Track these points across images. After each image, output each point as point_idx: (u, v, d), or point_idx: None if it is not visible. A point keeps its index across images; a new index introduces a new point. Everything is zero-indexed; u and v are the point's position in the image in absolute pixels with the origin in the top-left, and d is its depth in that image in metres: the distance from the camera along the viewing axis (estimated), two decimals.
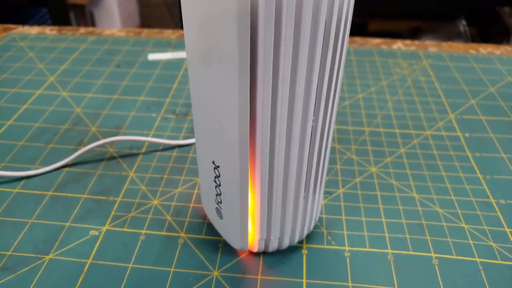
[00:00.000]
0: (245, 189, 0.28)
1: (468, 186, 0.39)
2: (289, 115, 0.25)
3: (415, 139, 0.45)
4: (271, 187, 0.28)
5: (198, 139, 0.31)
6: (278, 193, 0.29)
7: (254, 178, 0.28)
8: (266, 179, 0.28)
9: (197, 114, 0.29)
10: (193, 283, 0.31)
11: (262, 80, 0.23)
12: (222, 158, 0.28)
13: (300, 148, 0.27)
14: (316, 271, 0.32)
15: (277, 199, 0.29)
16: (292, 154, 0.27)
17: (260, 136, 0.25)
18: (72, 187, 0.39)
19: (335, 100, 0.28)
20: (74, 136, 0.45)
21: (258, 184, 0.28)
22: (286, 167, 0.28)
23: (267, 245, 0.32)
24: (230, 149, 0.26)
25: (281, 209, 0.30)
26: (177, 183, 0.39)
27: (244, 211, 0.29)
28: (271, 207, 0.29)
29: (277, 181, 0.28)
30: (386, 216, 0.36)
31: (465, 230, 0.35)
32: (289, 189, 0.29)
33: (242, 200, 0.28)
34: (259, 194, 0.28)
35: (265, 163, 0.27)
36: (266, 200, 0.29)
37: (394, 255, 0.33)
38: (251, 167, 0.27)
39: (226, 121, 0.26)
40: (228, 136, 0.26)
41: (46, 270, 0.31)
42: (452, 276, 0.31)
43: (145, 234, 0.34)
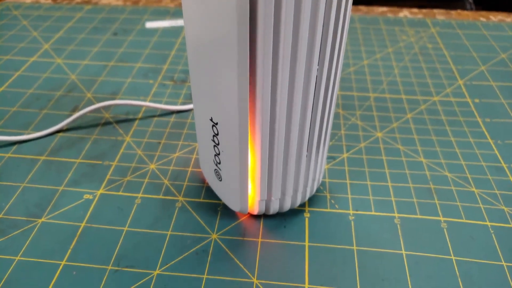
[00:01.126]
0: (244, 147, 0.26)
1: (478, 151, 0.38)
2: (291, 64, 0.24)
3: (423, 104, 0.43)
4: (272, 144, 0.27)
5: (195, 94, 0.29)
6: (279, 151, 0.27)
7: (254, 135, 0.26)
8: (266, 136, 0.26)
9: (193, 67, 0.27)
10: (191, 246, 0.29)
11: (263, 27, 0.21)
12: (221, 113, 0.26)
13: (303, 102, 0.26)
14: (319, 235, 0.30)
15: (278, 157, 0.27)
16: (294, 108, 0.25)
17: (261, 88, 0.24)
18: (66, 152, 0.37)
19: (341, 51, 0.26)
20: (68, 102, 0.43)
21: (258, 142, 0.26)
22: (288, 123, 0.26)
23: (268, 207, 0.30)
24: (229, 103, 0.25)
25: (283, 169, 0.28)
26: (175, 148, 0.38)
27: (244, 171, 0.28)
28: (272, 166, 0.28)
29: (279, 138, 0.26)
30: (393, 180, 0.35)
31: (475, 194, 0.33)
32: (291, 147, 0.27)
33: (241, 158, 0.27)
34: (260, 152, 0.27)
35: (266, 118, 0.25)
36: (267, 159, 0.27)
37: (401, 218, 0.31)
38: (251, 123, 0.26)
39: (225, 71, 0.24)
40: (226, 89, 0.25)
41: (38, 233, 0.30)
42: (461, 240, 0.30)
43: (141, 198, 0.33)
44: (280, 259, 0.29)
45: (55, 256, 0.29)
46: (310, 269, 0.28)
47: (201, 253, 0.29)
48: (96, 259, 0.29)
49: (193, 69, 0.28)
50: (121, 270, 0.28)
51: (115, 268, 0.28)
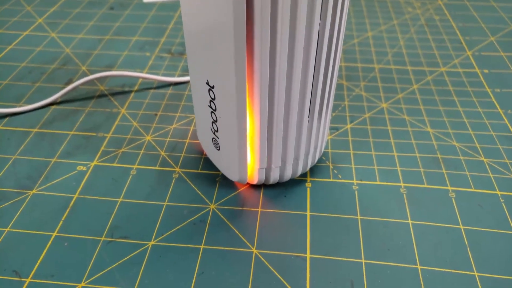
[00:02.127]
0: (242, 111, 0.25)
1: (488, 120, 0.36)
2: (291, 22, 0.22)
3: (429, 75, 0.42)
4: (271, 108, 0.25)
5: (190, 56, 0.27)
6: (279, 116, 0.26)
7: (252, 99, 0.25)
8: (266, 99, 0.25)
9: (188, 27, 0.26)
10: (188, 216, 0.28)
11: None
12: (217, 76, 0.25)
13: (304, 61, 0.24)
14: (321, 204, 0.29)
15: (278, 122, 0.26)
16: (295, 68, 0.24)
17: (259, 46, 0.22)
18: (59, 124, 0.36)
19: (344, 8, 0.24)
20: (62, 75, 0.42)
21: (257, 106, 0.25)
22: (289, 85, 0.25)
23: (268, 176, 0.29)
24: (225, 63, 0.23)
25: (283, 135, 0.27)
26: (172, 120, 0.36)
27: (242, 137, 0.26)
28: (272, 131, 0.26)
29: (279, 102, 0.25)
30: (398, 150, 0.33)
31: (484, 163, 0.32)
32: (292, 112, 0.26)
33: (239, 123, 0.26)
34: (258, 117, 0.25)
35: (265, 80, 0.24)
36: (266, 124, 0.26)
37: (407, 188, 0.30)
38: (249, 86, 0.24)
39: (221, 29, 0.22)
40: (222, 48, 0.23)
41: (29, 205, 0.29)
42: (470, 209, 0.29)
43: (136, 169, 0.32)
44: (281, 229, 0.27)
45: (46, 228, 0.28)
46: (312, 239, 0.27)
47: (198, 224, 0.28)
48: (89, 230, 0.27)
49: (187, 29, 0.26)
50: (114, 241, 0.27)
51: (108, 239, 0.27)
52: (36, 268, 0.25)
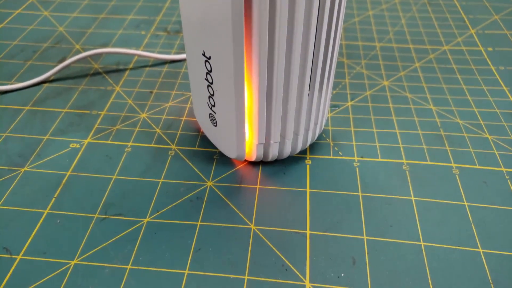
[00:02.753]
0: (240, 82, 0.24)
1: (492, 98, 0.35)
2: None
3: (432, 54, 0.41)
4: (270, 81, 0.24)
5: (185, 27, 0.26)
6: (279, 89, 0.25)
7: (250, 69, 0.24)
8: (265, 69, 0.24)
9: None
10: (184, 193, 0.27)
11: None
12: (214, 46, 0.24)
13: (305, 30, 0.23)
14: (322, 181, 0.28)
15: (277, 96, 0.25)
16: (296, 37, 0.23)
17: (258, 13, 0.21)
18: (52, 101, 0.35)
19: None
20: (55, 54, 0.41)
21: (255, 77, 0.24)
22: (289, 55, 0.24)
23: (266, 153, 0.28)
24: (222, 32, 0.22)
25: (282, 108, 0.26)
26: (168, 97, 0.35)
27: (240, 110, 0.25)
28: (271, 104, 0.25)
29: (278, 74, 0.24)
30: (400, 127, 0.32)
31: (489, 140, 0.31)
32: (292, 85, 0.25)
33: (237, 96, 0.25)
34: (257, 89, 0.24)
35: (264, 49, 0.23)
36: (265, 96, 0.25)
37: (410, 165, 0.29)
38: (248, 55, 0.23)
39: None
40: (219, 15, 0.22)
41: (20, 182, 0.28)
42: (474, 186, 0.28)
43: (131, 147, 0.31)
44: (280, 205, 0.27)
45: (38, 205, 0.27)
46: (312, 215, 0.26)
47: (195, 200, 0.27)
48: (82, 207, 0.27)
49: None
50: (108, 218, 0.26)
51: (102, 216, 0.26)
52: (27, 245, 0.24)
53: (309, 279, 0.23)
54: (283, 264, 0.23)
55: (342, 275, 0.23)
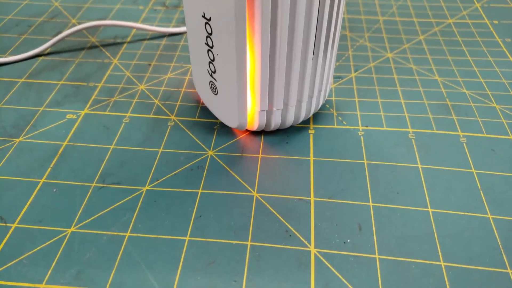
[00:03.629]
0: (242, 44, 0.23)
1: (499, 69, 0.34)
2: None
3: (436, 27, 0.40)
4: (273, 44, 0.24)
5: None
6: (282, 52, 0.24)
7: (253, 31, 0.23)
8: (267, 32, 0.23)
9: None
10: (184, 162, 0.27)
11: None
12: (214, 5, 0.23)
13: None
14: (325, 150, 0.27)
15: (281, 59, 0.24)
16: (299, 0, 0.22)
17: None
18: (47, 74, 0.34)
19: None
20: (51, 28, 0.40)
21: (258, 39, 0.23)
22: (292, 16, 0.23)
23: (269, 121, 0.27)
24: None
25: (286, 73, 0.25)
26: (167, 69, 0.35)
27: (242, 75, 0.24)
28: (274, 69, 0.25)
29: (281, 36, 0.23)
30: (405, 97, 0.31)
31: (496, 109, 0.30)
32: (296, 47, 0.24)
33: (238, 59, 0.24)
34: (259, 52, 0.24)
35: (267, 8, 0.22)
36: (268, 60, 0.24)
37: (416, 133, 0.29)
38: (250, 15, 0.22)
39: None
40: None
41: (15, 152, 0.27)
42: (482, 154, 0.27)
43: (129, 117, 0.30)
44: (283, 174, 0.26)
45: (33, 175, 0.26)
46: (316, 183, 0.25)
47: (195, 169, 0.26)
48: (79, 176, 0.26)
49: None
50: (106, 187, 0.25)
51: (100, 185, 0.25)
52: (22, 214, 0.24)
53: (314, 244, 0.22)
54: (287, 230, 0.23)
55: (348, 241, 0.22)
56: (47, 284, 0.21)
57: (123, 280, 0.21)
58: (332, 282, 0.21)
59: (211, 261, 0.21)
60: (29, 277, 0.21)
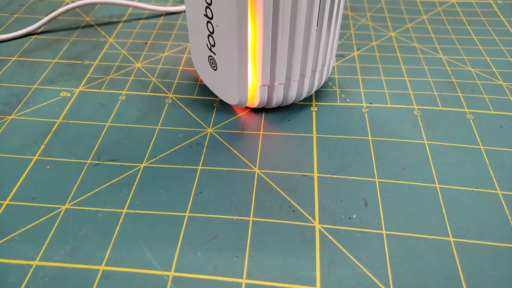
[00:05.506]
0: (243, 12, 0.22)
1: (504, 47, 0.34)
2: None
3: (440, 6, 0.39)
4: (276, 14, 0.23)
5: None
6: (285, 23, 0.23)
7: (254, 0, 0.22)
8: (270, 0, 0.22)
9: None
10: (183, 139, 0.26)
11: None
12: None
13: None
14: (329, 127, 0.27)
15: (283, 31, 0.23)
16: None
17: None
18: (41, 52, 0.33)
19: None
20: (44, 8, 0.38)
21: (260, 9, 0.22)
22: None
23: (270, 97, 0.26)
24: None
25: (289, 45, 0.24)
26: (164, 48, 0.33)
27: (242, 47, 0.23)
28: (276, 41, 0.24)
29: (284, 6, 0.22)
30: (409, 75, 0.31)
31: (503, 87, 0.30)
32: (299, 18, 0.23)
33: (239, 30, 0.23)
34: (261, 23, 0.23)
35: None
36: (270, 31, 0.23)
37: (421, 110, 0.28)
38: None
39: None
40: None
41: (7, 130, 0.26)
42: (490, 130, 0.26)
43: (125, 95, 0.29)
44: (285, 150, 0.25)
45: (26, 152, 0.25)
46: (319, 159, 0.24)
47: (195, 146, 0.25)
48: (73, 153, 0.25)
49: None
50: (102, 164, 0.24)
51: (95, 162, 0.24)
52: (15, 191, 0.23)
53: (318, 220, 0.21)
54: (290, 205, 0.22)
55: (354, 217, 0.21)
56: (41, 261, 0.20)
57: (120, 257, 0.20)
58: (338, 258, 0.20)
59: (212, 237, 0.20)
60: (22, 254, 0.20)
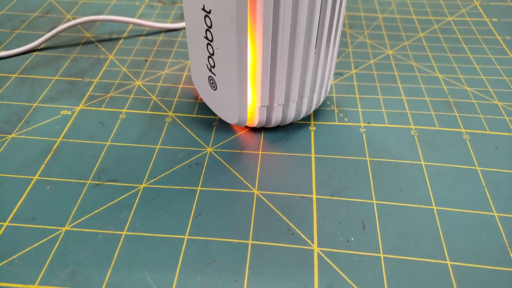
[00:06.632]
0: (243, 37, 0.22)
1: (500, 66, 0.34)
2: None
3: (436, 24, 0.40)
4: (275, 37, 0.23)
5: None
6: (284, 45, 0.23)
7: (254, 24, 0.22)
8: (269, 24, 0.22)
9: None
10: (183, 159, 0.26)
11: None
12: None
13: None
14: (327, 147, 0.27)
15: (282, 53, 0.24)
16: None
17: None
18: (42, 69, 0.33)
19: None
20: (45, 23, 0.39)
21: (259, 33, 0.22)
22: (295, 8, 0.22)
23: (269, 117, 0.27)
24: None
25: (288, 67, 0.24)
26: (164, 65, 0.34)
27: (242, 69, 0.24)
28: (276, 63, 0.24)
29: (284, 29, 0.23)
30: (407, 94, 0.31)
31: (498, 107, 0.30)
32: (298, 41, 0.23)
33: (239, 52, 0.23)
34: (261, 46, 0.23)
35: (269, 2, 0.21)
36: (270, 54, 0.23)
37: (418, 130, 0.28)
38: (251, 8, 0.22)
39: None
40: None
41: (8, 149, 0.26)
42: (486, 151, 0.27)
43: (125, 113, 0.29)
44: (284, 171, 0.25)
45: (26, 171, 0.25)
46: (318, 180, 0.25)
47: (194, 166, 0.25)
48: (73, 173, 0.25)
49: None
50: (102, 184, 0.24)
51: (95, 182, 0.25)
52: (14, 212, 0.23)
53: (317, 243, 0.21)
54: (289, 228, 0.22)
55: (352, 240, 0.22)
56: (40, 285, 0.20)
57: (120, 281, 0.20)
58: (337, 282, 0.20)
59: (211, 261, 0.21)
60: (21, 277, 0.20)
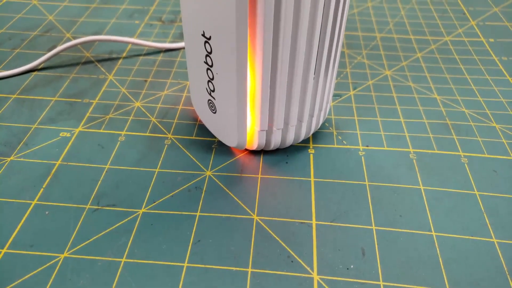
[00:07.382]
0: (242, 63, 0.23)
1: (497, 88, 0.34)
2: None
3: (433, 44, 0.40)
4: (275, 63, 0.23)
5: (183, 4, 0.25)
6: (283, 71, 0.23)
7: (254, 51, 0.22)
8: (269, 52, 0.22)
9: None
10: (182, 183, 0.26)
11: None
12: (214, 24, 0.23)
13: (311, 11, 0.22)
14: (326, 170, 0.27)
15: (282, 79, 0.24)
16: (302, 17, 0.22)
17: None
18: (41, 90, 0.33)
19: None
20: (45, 42, 0.39)
21: (259, 59, 0.23)
22: (295, 35, 0.22)
23: (268, 140, 0.27)
24: (224, 10, 0.21)
25: (287, 92, 0.25)
26: (163, 86, 0.34)
27: (242, 94, 0.24)
28: (275, 88, 0.24)
29: (283, 56, 0.23)
30: (405, 116, 0.31)
31: (496, 129, 0.30)
32: (297, 67, 0.24)
33: (239, 79, 0.23)
34: (260, 72, 0.23)
35: (269, 28, 0.21)
36: (269, 80, 0.24)
37: (417, 154, 0.28)
38: (251, 36, 0.22)
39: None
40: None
41: (6, 172, 0.26)
42: (484, 175, 0.27)
43: (125, 136, 0.29)
44: (283, 195, 0.25)
45: (24, 196, 0.25)
46: (317, 205, 0.25)
47: (193, 190, 0.25)
48: (72, 198, 0.25)
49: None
50: (101, 209, 0.24)
51: (94, 207, 0.24)
52: (13, 238, 0.23)
53: (316, 271, 0.21)
54: (289, 255, 0.22)
55: (352, 267, 0.22)
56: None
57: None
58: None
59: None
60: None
